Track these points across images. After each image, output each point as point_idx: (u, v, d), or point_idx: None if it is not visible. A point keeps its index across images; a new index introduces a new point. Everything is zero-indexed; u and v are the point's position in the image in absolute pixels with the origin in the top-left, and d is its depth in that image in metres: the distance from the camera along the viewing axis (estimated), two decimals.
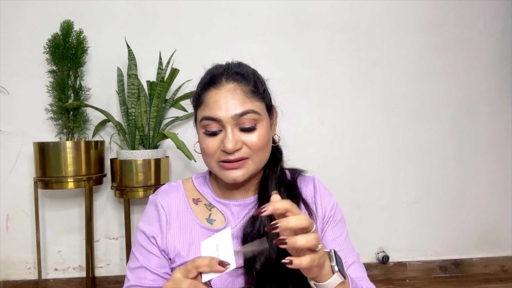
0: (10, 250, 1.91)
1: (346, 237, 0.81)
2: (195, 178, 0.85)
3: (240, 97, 0.72)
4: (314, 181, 0.84)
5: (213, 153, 0.73)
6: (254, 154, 0.73)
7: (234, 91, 0.72)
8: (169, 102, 1.85)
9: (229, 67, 0.77)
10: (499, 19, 2.11)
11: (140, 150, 1.69)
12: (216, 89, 0.73)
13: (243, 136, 0.72)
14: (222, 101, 0.71)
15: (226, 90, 0.72)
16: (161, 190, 0.83)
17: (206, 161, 0.76)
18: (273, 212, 0.54)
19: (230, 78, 0.74)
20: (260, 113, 0.73)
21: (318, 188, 0.82)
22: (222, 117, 0.70)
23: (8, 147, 1.88)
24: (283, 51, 2.01)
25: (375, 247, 2.10)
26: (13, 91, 1.87)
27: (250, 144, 0.72)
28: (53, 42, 1.71)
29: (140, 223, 0.79)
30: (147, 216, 0.79)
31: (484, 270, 2.12)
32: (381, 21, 2.05)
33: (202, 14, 1.96)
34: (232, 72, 0.75)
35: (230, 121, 0.70)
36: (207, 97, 0.73)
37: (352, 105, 2.06)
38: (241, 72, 0.76)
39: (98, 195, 1.94)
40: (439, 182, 2.11)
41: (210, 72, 0.78)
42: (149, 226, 0.77)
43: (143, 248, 0.76)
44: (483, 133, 2.13)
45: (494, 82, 2.12)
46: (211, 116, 0.71)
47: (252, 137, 0.72)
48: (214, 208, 0.79)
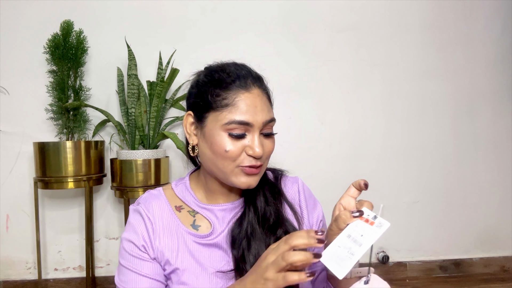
0: (10, 250, 1.91)
1: None
2: (175, 185, 0.81)
3: (268, 104, 0.72)
4: (298, 182, 0.82)
5: (236, 157, 0.69)
6: (266, 160, 0.73)
7: (262, 97, 0.71)
8: (169, 102, 1.85)
9: (250, 70, 0.74)
10: (499, 19, 2.11)
11: (140, 150, 1.69)
12: (247, 92, 0.69)
13: (264, 141, 0.71)
14: (254, 105, 0.69)
15: (256, 95, 0.70)
16: (142, 199, 0.78)
17: (222, 165, 0.70)
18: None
19: (256, 82, 0.72)
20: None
21: (302, 190, 0.81)
22: (254, 122, 0.68)
23: (8, 147, 1.88)
24: (284, 51, 2.01)
25: (375, 247, 2.10)
26: (13, 91, 1.87)
27: (267, 150, 0.71)
28: (53, 42, 1.71)
29: (125, 233, 0.74)
30: (131, 226, 0.74)
31: (484, 270, 2.12)
32: (381, 21, 2.05)
33: (202, 14, 1.96)
34: (255, 75, 0.73)
35: (260, 126, 0.69)
36: (236, 99, 0.68)
37: (352, 105, 2.06)
38: (260, 77, 0.75)
39: (98, 195, 1.95)
40: (439, 182, 2.11)
41: (229, 71, 0.72)
42: (136, 235, 0.73)
43: (133, 256, 0.72)
44: (483, 133, 2.13)
45: (494, 82, 2.12)
46: (244, 121, 0.68)
47: (270, 143, 0.72)
48: (198, 214, 0.77)
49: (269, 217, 0.73)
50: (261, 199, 0.75)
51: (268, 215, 0.73)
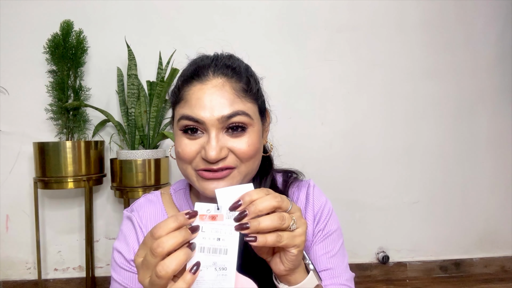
0: (10, 250, 1.90)
1: (337, 253, 0.69)
2: (174, 191, 0.75)
3: (229, 96, 0.60)
4: (308, 188, 0.72)
5: (190, 159, 0.61)
6: (242, 164, 0.61)
7: (222, 88, 0.60)
8: (169, 102, 1.85)
9: (218, 59, 0.65)
10: (499, 19, 2.11)
11: (140, 150, 1.69)
12: (201, 84, 0.61)
13: (230, 141, 0.60)
14: (207, 98, 0.59)
15: (212, 86, 0.60)
16: (136, 205, 0.73)
17: (182, 168, 0.63)
18: (258, 229, 0.46)
19: (218, 72, 0.62)
20: (251, 116, 0.62)
21: (311, 196, 0.71)
22: (205, 119, 0.58)
23: (8, 147, 1.88)
24: (284, 51, 2.01)
25: (375, 247, 2.10)
26: (13, 91, 1.87)
27: (237, 152, 0.60)
28: (53, 42, 1.71)
29: (116, 242, 0.70)
30: (123, 235, 0.70)
31: (484, 270, 2.12)
32: (381, 21, 2.05)
33: (202, 14, 1.96)
34: (221, 64, 0.63)
35: (216, 124, 0.59)
36: (188, 93, 0.61)
37: (352, 105, 2.06)
38: (233, 65, 0.64)
39: (98, 195, 1.94)
40: (439, 182, 2.11)
41: (194, 63, 0.66)
42: (127, 247, 0.68)
43: (123, 269, 0.68)
44: (483, 133, 2.12)
45: (494, 82, 2.12)
46: (192, 116, 0.59)
47: (241, 143, 0.60)
48: None
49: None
50: None
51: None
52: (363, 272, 2.06)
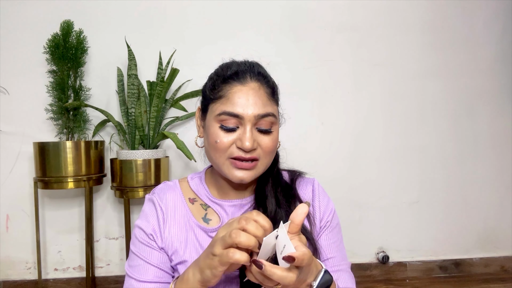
0: (10, 250, 1.91)
1: (339, 244, 0.80)
2: (191, 178, 0.84)
3: (264, 98, 0.72)
4: (314, 183, 0.82)
5: (226, 148, 0.71)
6: (264, 157, 0.73)
7: (258, 91, 0.72)
8: (169, 102, 1.85)
9: (253, 66, 0.76)
10: (499, 19, 2.11)
11: (140, 150, 1.69)
12: (241, 85, 0.72)
13: (260, 137, 0.72)
14: (247, 98, 0.70)
15: (251, 88, 0.72)
16: (158, 189, 0.82)
17: (215, 156, 0.73)
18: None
19: (254, 77, 0.73)
20: (276, 117, 0.75)
21: (317, 191, 0.81)
22: (244, 115, 0.69)
23: (8, 147, 1.88)
24: (284, 51, 2.01)
25: (375, 247, 2.10)
26: (13, 91, 1.87)
27: (264, 146, 0.72)
28: (53, 42, 1.71)
29: (138, 220, 0.78)
30: (145, 213, 0.78)
31: (484, 270, 2.12)
32: (381, 21, 2.05)
33: (202, 14, 1.96)
34: (257, 71, 0.75)
35: (252, 119, 0.70)
36: (229, 91, 0.72)
37: (352, 105, 2.06)
38: (264, 73, 0.76)
39: (98, 195, 1.95)
40: (439, 182, 2.11)
41: (232, 66, 0.76)
42: (147, 223, 0.76)
43: (143, 244, 0.75)
44: (483, 133, 2.13)
45: (494, 82, 2.12)
46: (234, 112, 0.70)
47: (267, 139, 0.72)
48: (210, 208, 0.79)
49: (279, 219, 0.72)
50: (272, 200, 0.76)
51: (279, 218, 0.73)
52: (363, 272, 2.06)
